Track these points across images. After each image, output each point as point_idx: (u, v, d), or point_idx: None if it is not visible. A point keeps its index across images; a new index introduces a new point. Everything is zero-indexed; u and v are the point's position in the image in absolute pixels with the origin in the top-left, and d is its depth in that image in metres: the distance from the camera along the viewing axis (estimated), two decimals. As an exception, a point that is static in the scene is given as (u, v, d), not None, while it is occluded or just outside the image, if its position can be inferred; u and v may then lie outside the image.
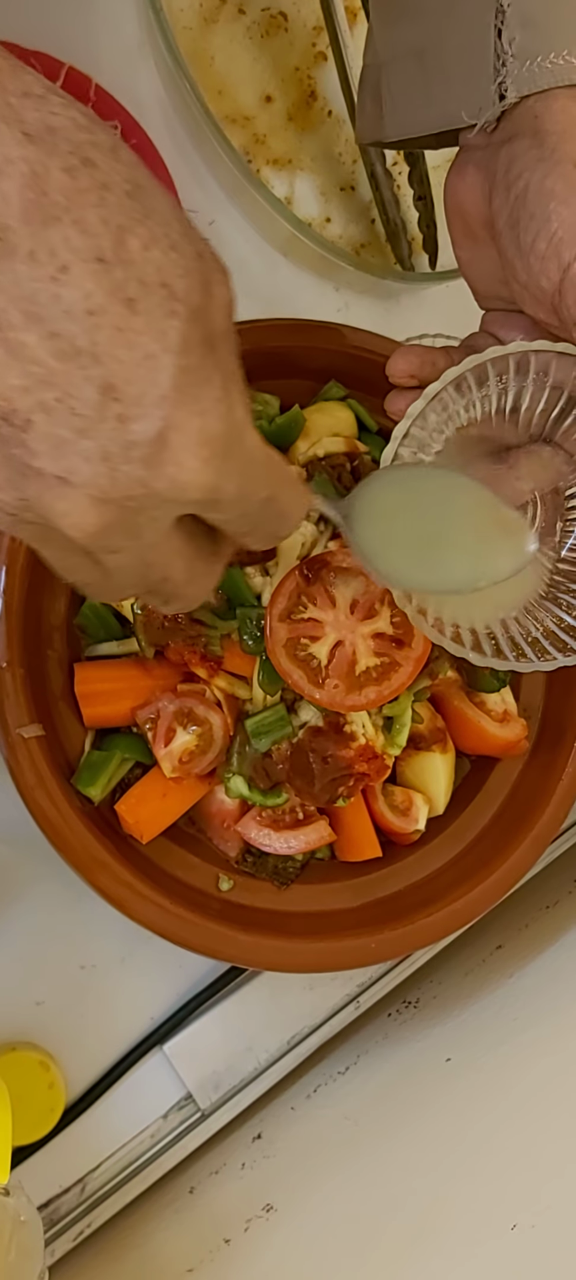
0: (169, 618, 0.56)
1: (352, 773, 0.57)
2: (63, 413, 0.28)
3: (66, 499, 0.29)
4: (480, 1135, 0.57)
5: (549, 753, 0.63)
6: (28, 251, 0.27)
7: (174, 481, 0.29)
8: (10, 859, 0.61)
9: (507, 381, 0.45)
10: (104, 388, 0.28)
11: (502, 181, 0.43)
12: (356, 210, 0.75)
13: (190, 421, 0.29)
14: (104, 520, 0.29)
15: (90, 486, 0.28)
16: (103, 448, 0.28)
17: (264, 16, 0.72)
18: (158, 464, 0.29)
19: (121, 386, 0.28)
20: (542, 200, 0.41)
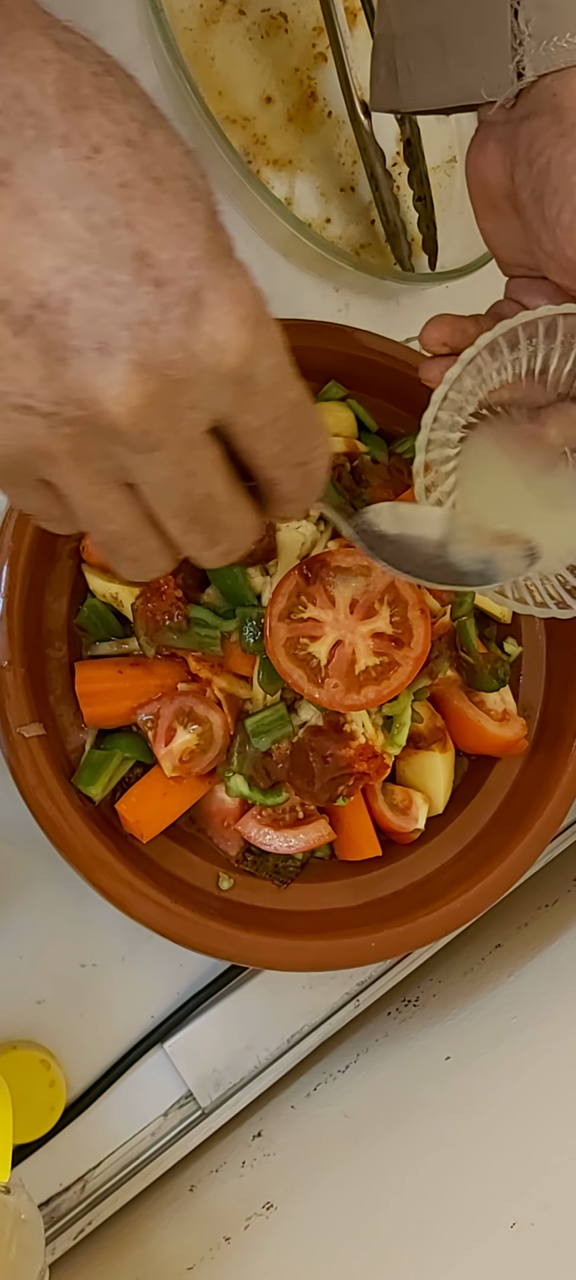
0: (169, 617, 0.56)
1: (352, 772, 0.57)
2: (100, 285, 0.28)
3: (108, 369, 0.28)
4: (479, 1133, 0.57)
5: (548, 752, 0.63)
6: (62, 134, 0.28)
7: (212, 342, 0.29)
8: (11, 858, 0.62)
9: (537, 345, 0.47)
10: (138, 254, 0.28)
11: (524, 157, 0.45)
12: (356, 211, 0.75)
13: (223, 281, 0.29)
14: (147, 391, 0.29)
15: (131, 351, 0.28)
16: (141, 312, 0.28)
17: (264, 17, 0.72)
18: (195, 323, 0.29)
19: (155, 252, 0.28)
20: (565, 174, 0.43)
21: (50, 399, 0.29)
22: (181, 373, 0.29)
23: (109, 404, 0.28)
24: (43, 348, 0.28)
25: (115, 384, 0.28)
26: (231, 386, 0.30)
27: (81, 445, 0.30)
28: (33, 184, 0.28)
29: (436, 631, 0.60)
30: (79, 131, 0.28)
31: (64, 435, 0.30)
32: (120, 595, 0.58)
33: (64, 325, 0.28)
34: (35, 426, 0.29)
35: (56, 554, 0.58)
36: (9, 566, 0.54)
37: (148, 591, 0.56)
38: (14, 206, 0.28)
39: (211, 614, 0.57)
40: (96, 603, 0.59)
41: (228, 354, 0.29)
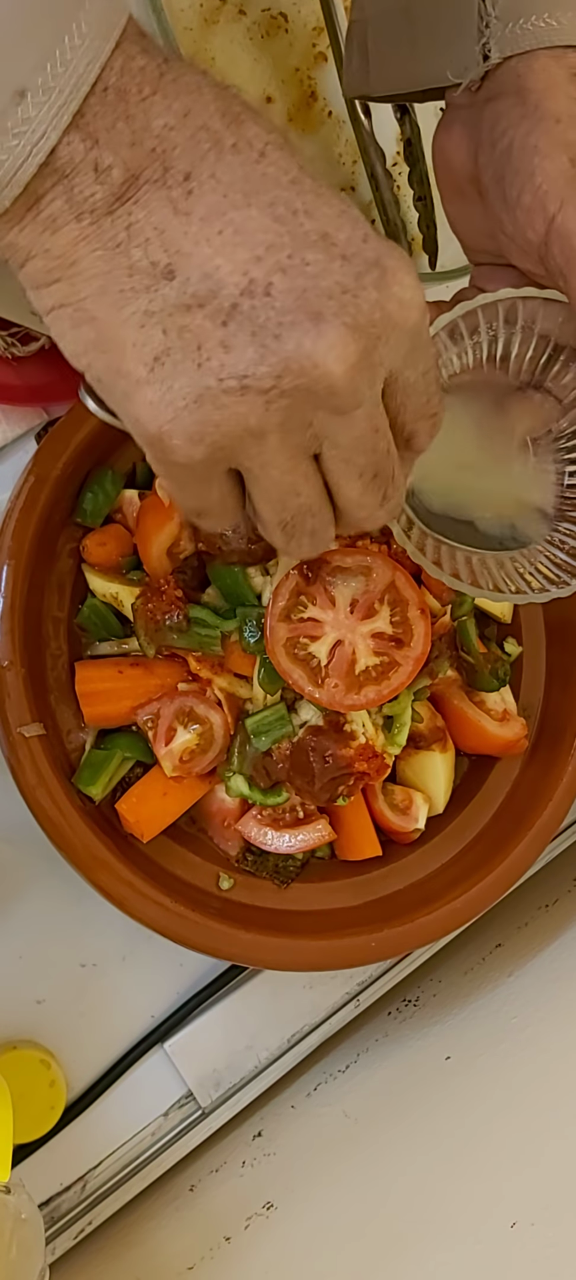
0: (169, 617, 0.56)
1: (352, 772, 0.57)
2: (296, 266, 0.31)
3: (325, 335, 0.30)
4: (479, 1133, 0.57)
5: (548, 752, 0.63)
6: (232, 144, 0.31)
7: (401, 301, 0.32)
8: (11, 858, 0.62)
9: (497, 329, 0.47)
10: (322, 236, 0.31)
11: (488, 139, 0.45)
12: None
13: (394, 250, 0.32)
14: (359, 349, 0.31)
15: (342, 315, 0.31)
16: (340, 283, 0.31)
17: (264, 17, 0.72)
18: (385, 285, 0.31)
19: (334, 233, 0.31)
20: (526, 156, 0.43)
21: (270, 373, 0.31)
22: (380, 330, 0.32)
23: (332, 364, 0.31)
24: (252, 331, 0.30)
25: (335, 345, 0.30)
26: (409, 341, 0.33)
27: (291, 416, 0.32)
28: (216, 188, 0.31)
29: (436, 631, 0.60)
30: (245, 140, 0.31)
31: (279, 407, 0.31)
32: (120, 595, 0.58)
33: (272, 305, 0.30)
34: (253, 405, 0.31)
35: (57, 554, 0.58)
36: (9, 566, 0.54)
37: (148, 591, 0.56)
38: (203, 210, 0.30)
39: (211, 614, 0.57)
40: (97, 602, 0.59)
41: (413, 309, 0.32)
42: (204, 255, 0.30)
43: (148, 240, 0.30)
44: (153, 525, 0.57)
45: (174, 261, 0.30)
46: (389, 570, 0.57)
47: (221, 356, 0.30)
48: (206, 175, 0.31)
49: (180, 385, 0.31)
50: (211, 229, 0.30)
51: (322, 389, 0.31)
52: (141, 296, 0.31)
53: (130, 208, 0.30)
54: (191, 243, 0.30)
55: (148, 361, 0.31)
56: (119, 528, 0.60)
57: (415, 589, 0.57)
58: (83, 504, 0.58)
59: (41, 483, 0.56)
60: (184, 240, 0.30)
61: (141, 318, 0.31)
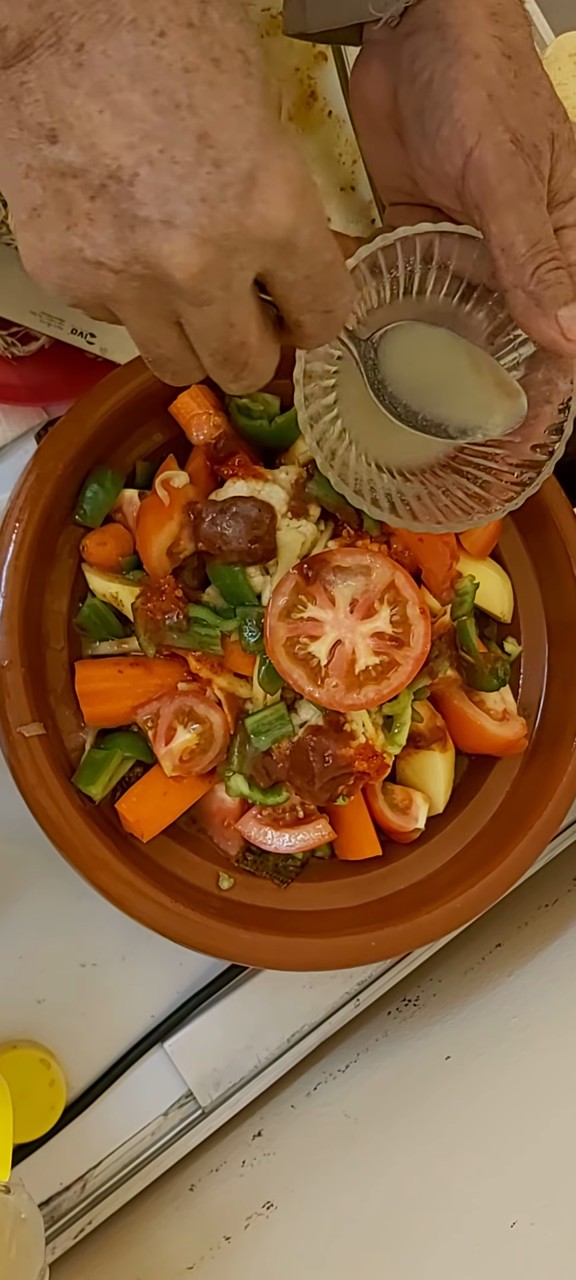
0: (169, 616, 0.56)
1: (352, 771, 0.57)
2: (165, 163, 0.31)
3: (172, 240, 0.32)
4: (479, 1132, 0.57)
5: (548, 751, 0.63)
6: (131, 20, 0.31)
7: (263, 218, 0.33)
8: (11, 857, 0.62)
9: (414, 265, 0.48)
10: (200, 136, 0.31)
11: (407, 73, 0.46)
12: (356, 210, 0.75)
13: (274, 163, 0.32)
14: (205, 259, 0.32)
15: (193, 226, 0.32)
16: (202, 190, 0.32)
17: (264, 17, 0.72)
18: (249, 201, 0.32)
19: (214, 134, 0.32)
20: (446, 89, 0.44)
21: (121, 258, 0.33)
22: (235, 244, 0.33)
23: (173, 269, 0.32)
24: (114, 213, 0.32)
25: (179, 252, 0.32)
26: (275, 251, 0.34)
27: (144, 294, 0.34)
28: (105, 65, 0.31)
29: (436, 631, 0.60)
30: (146, 15, 0.31)
31: (129, 288, 0.34)
32: (120, 595, 0.58)
33: (133, 196, 0.32)
34: (106, 279, 0.33)
35: (56, 553, 0.58)
36: (9, 566, 0.55)
37: (148, 591, 0.56)
38: (89, 85, 0.31)
39: (211, 613, 0.57)
40: (97, 602, 0.59)
41: (276, 228, 0.33)
42: (84, 130, 0.31)
43: (37, 102, 0.32)
44: (152, 525, 0.58)
45: (57, 128, 0.32)
46: (389, 570, 0.57)
47: (85, 227, 0.32)
48: (98, 50, 0.31)
49: (50, 239, 0.33)
50: (93, 105, 0.31)
51: (168, 284, 0.33)
52: (27, 150, 0.32)
53: (24, 67, 0.31)
54: (74, 114, 0.31)
55: (27, 209, 0.33)
56: (119, 527, 0.60)
57: (415, 589, 0.57)
58: (83, 504, 0.59)
59: (42, 482, 0.56)
60: (67, 111, 0.31)
61: (25, 169, 0.33)
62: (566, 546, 0.64)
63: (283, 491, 0.58)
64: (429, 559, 0.60)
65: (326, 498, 0.58)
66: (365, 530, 0.59)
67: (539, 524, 0.65)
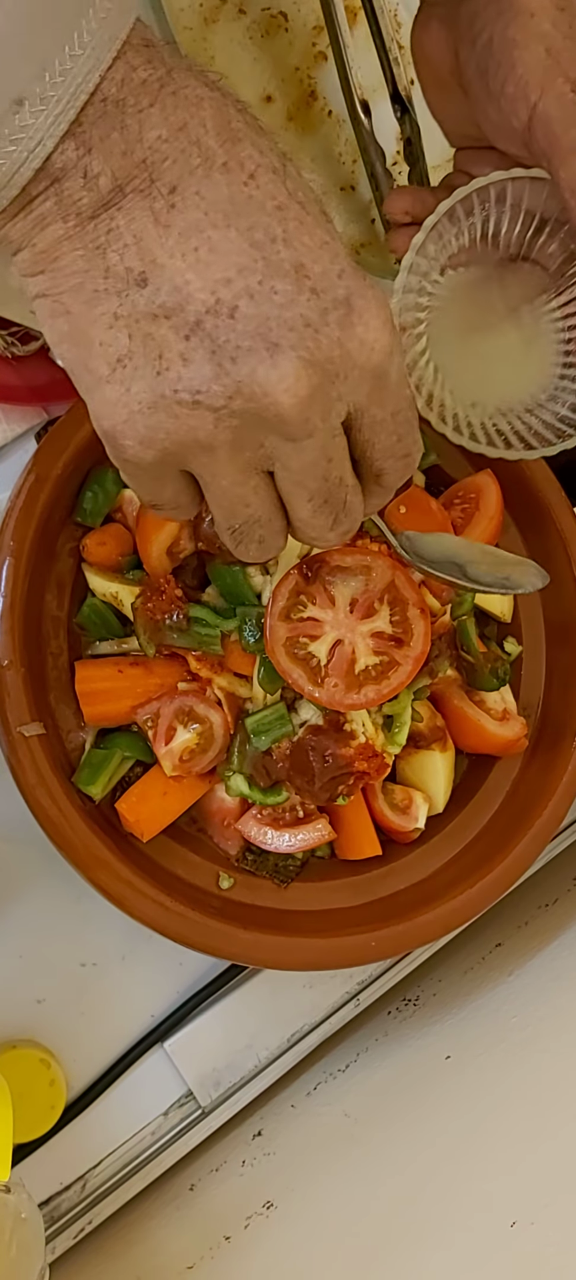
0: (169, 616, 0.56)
1: (352, 771, 0.57)
2: (264, 293, 0.31)
3: (279, 366, 0.31)
4: (480, 1132, 0.57)
5: (548, 751, 0.63)
6: (222, 164, 0.31)
7: (364, 341, 0.33)
8: (11, 857, 0.62)
9: (489, 209, 0.51)
10: (296, 266, 0.32)
11: (467, 35, 0.48)
12: (356, 210, 0.75)
13: (367, 290, 0.33)
14: (312, 384, 0.32)
15: (299, 349, 0.32)
16: (304, 316, 0.32)
17: (264, 16, 0.72)
18: (349, 325, 0.32)
19: (309, 265, 0.32)
20: (506, 49, 0.46)
21: (223, 394, 0.32)
22: (338, 368, 0.33)
23: (281, 395, 0.32)
24: (212, 349, 0.31)
25: (286, 377, 0.32)
26: (371, 382, 0.34)
27: (241, 436, 0.33)
28: (199, 205, 0.31)
29: (436, 631, 0.60)
30: (236, 160, 0.32)
31: (228, 427, 0.33)
32: (120, 594, 0.58)
33: (233, 328, 0.31)
34: (203, 420, 0.32)
35: (57, 553, 0.58)
36: (10, 565, 0.55)
37: (148, 591, 0.56)
38: (182, 225, 0.31)
39: (211, 613, 0.57)
40: (97, 602, 0.59)
41: (375, 352, 0.33)
42: (176, 269, 0.31)
43: (126, 246, 0.31)
44: (152, 525, 0.58)
45: (148, 270, 0.31)
46: (388, 570, 0.57)
47: (179, 369, 0.32)
48: (191, 191, 0.31)
49: (138, 389, 0.32)
50: (188, 244, 0.31)
51: (271, 416, 0.32)
52: (113, 299, 0.32)
53: (113, 213, 0.31)
54: (167, 255, 0.31)
55: (111, 362, 0.32)
56: (119, 527, 0.60)
57: (415, 588, 0.57)
58: (83, 503, 0.59)
59: (41, 482, 0.56)
60: (160, 251, 0.31)
61: (111, 319, 0.32)
62: (566, 546, 0.64)
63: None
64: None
65: None
66: (365, 530, 0.59)
67: (539, 524, 0.65)
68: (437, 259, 0.53)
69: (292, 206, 0.32)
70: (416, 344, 0.54)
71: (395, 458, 0.37)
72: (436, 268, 0.53)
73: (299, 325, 0.31)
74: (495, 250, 0.53)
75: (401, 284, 0.52)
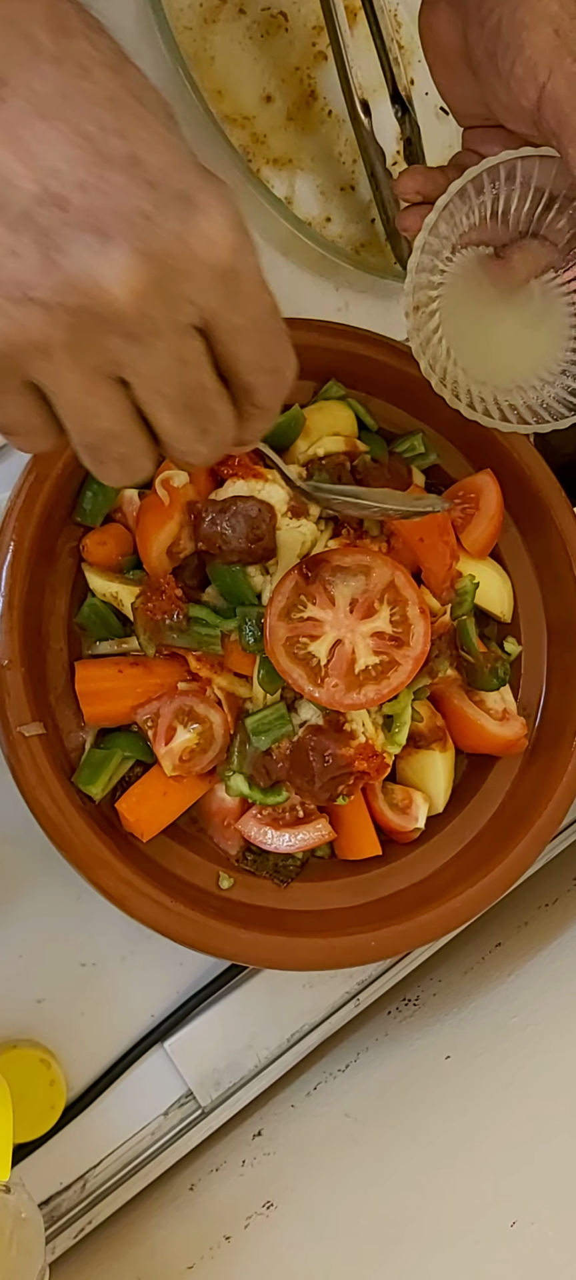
0: (169, 616, 0.56)
1: (352, 771, 0.57)
2: (96, 184, 0.30)
3: (110, 255, 0.30)
4: (479, 1132, 0.57)
5: (548, 751, 0.63)
6: (54, 56, 0.30)
7: (207, 237, 0.31)
8: (11, 857, 0.62)
9: (499, 188, 0.53)
10: (131, 158, 0.30)
11: (476, 17, 0.49)
12: (356, 210, 0.75)
13: (211, 185, 0.31)
14: (148, 276, 0.30)
15: (133, 239, 0.30)
16: (139, 207, 0.30)
17: (264, 16, 0.72)
18: (190, 219, 0.31)
19: (146, 158, 0.30)
20: (515, 31, 0.47)
21: (51, 286, 0.30)
22: (179, 263, 0.31)
23: (112, 286, 0.30)
24: (41, 242, 0.30)
25: (118, 267, 0.30)
26: (221, 283, 0.32)
27: (78, 336, 0.31)
28: (29, 97, 0.30)
29: (436, 630, 0.60)
30: (70, 55, 0.30)
31: (63, 325, 0.31)
32: (120, 594, 0.58)
33: (64, 220, 0.30)
34: (33, 317, 0.30)
35: (56, 553, 0.58)
36: (10, 565, 0.54)
37: (148, 591, 0.56)
38: (9, 116, 0.30)
39: (211, 613, 0.57)
40: (97, 602, 0.59)
41: (221, 249, 0.31)
42: (2, 159, 0.30)
43: None
44: (152, 524, 0.58)
45: None
46: (388, 570, 0.57)
47: (8, 262, 0.30)
48: (20, 83, 0.30)
49: None
50: (14, 135, 0.30)
51: (108, 312, 0.30)
52: None
53: None
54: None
55: None
56: (119, 527, 0.60)
57: (415, 588, 0.57)
58: (82, 503, 0.59)
59: (41, 482, 0.56)
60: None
61: None
62: (566, 546, 0.64)
63: (282, 491, 0.58)
64: (429, 558, 0.60)
65: None
66: (365, 530, 0.60)
67: (539, 524, 0.65)
68: (449, 238, 0.53)
69: (129, 101, 0.31)
70: (429, 321, 0.55)
71: (263, 371, 0.35)
72: (448, 246, 0.54)
73: (133, 216, 0.30)
74: (504, 228, 0.54)
75: (415, 264, 0.52)
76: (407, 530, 0.60)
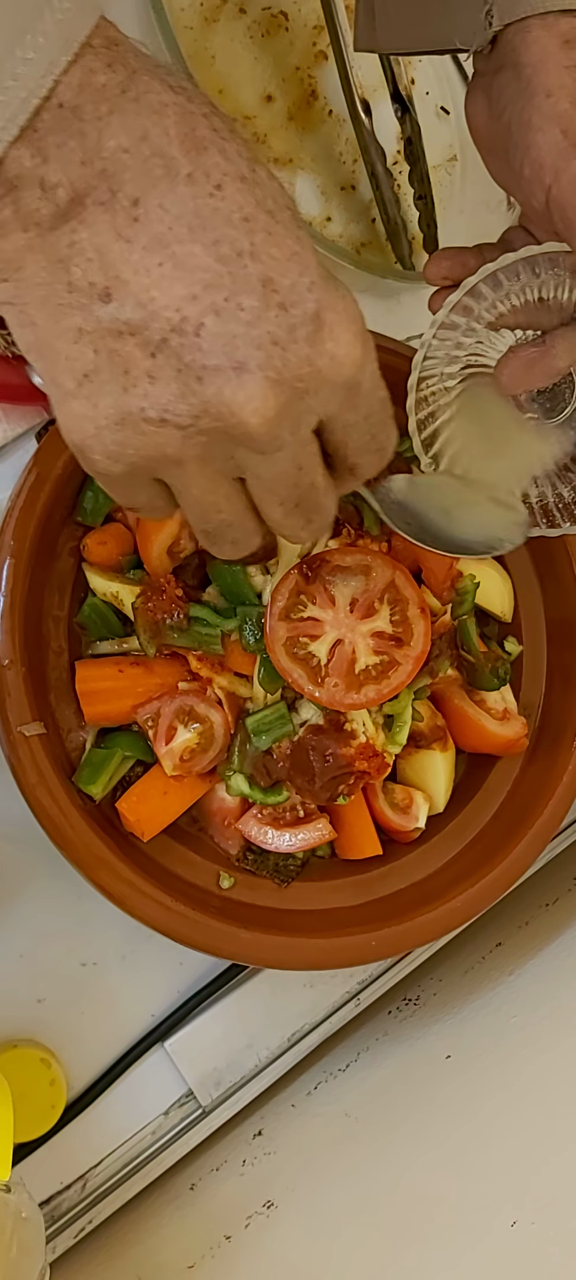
0: (170, 616, 0.56)
1: (353, 771, 0.57)
2: (231, 310, 0.31)
3: (246, 386, 0.31)
4: (480, 1132, 0.57)
5: (548, 751, 0.63)
6: (187, 174, 0.30)
7: (334, 357, 0.32)
8: (11, 856, 0.62)
9: (543, 274, 0.50)
10: (264, 281, 0.31)
11: (495, 111, 0.48)
12: (357, 209, 0.75)
13: (338, 302, 0.32)
14: (280, 403, 0.32)
15: (266, 369, 0.31)
16: (271, 334, 0.31)
17: (265, 16, 0.72)
18: (319, 340, 0.32)
19: (278, 279, 0.31)
20: (523, 132, 0.46)
21: (189, 413, 0.31)
22: (307, 385, 0.32)
23: (247, 416, 0.31)
24: (178, 367, 0.31)
25: (253, 398, 0.31)
26: (343, 393, 0.34)
27: (209, 450, 0.33)
28: (163, 219, 0.30)
29: (437, 630, 0.60)
30: (201, 170, 0.31)
31: (196, 444, 0.32)
32: (121, 594, 0.58)
33: (199, 347, 0.31)
34: (170, 437, 0.32)
35: (57, 552, 0.58)
36: (10, 565, 0.54)
37: (148, 590, 0.56)
38: (145, 239, 0.30)
39: (212, 613, 0.57)
40: (97, 601, 0.59)
41: (346, 366, 0.33)
42: (141, 285, 0.30)
43: (89, 260, 0.31)
44: (153, 524, 0.58)
45: (112, 286, 0.31)
46: (389, 569, 0.57)
47: (146, 386, 0.31)
48: (155, 204, 0.30)
49: (105, 405, 0.32)
50: (152, 260, 0.30)
51: (240, 434, 0.32)
52: (77, 313, 0.31)
53: (75, 225, 0.30)
54: (131, 270, 0.30)
55: (77, 376, 0.32)
56: (119, 526, 0.60)
57: (415, 588, 0.57)
58: (83, 502, 0.59)
59: (42, 481, 0.56)
60: (123, 267, 0.30)
61: (75, 334, 0.31)
62: (566, 546, 0.64)
63: (283, 491, 0.58)
64: (429, 558, 0.60)
65: None
66: (365, 529, 0.59)
67: (539, 523, 0.65)
68: (480, 319, 0.51)
69: (261, 217, 0.31)
70: (444, 397, 0.54)
71: (368, 453, 0.37)
72: (480, 327, 0.52)
73: (266, 343, 0.31)
74: (546, 313, 0.51)
75: (428, 338, 0.51)
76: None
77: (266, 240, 0.31)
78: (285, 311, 0.31)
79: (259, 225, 0.31)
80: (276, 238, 0.31)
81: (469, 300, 0.50)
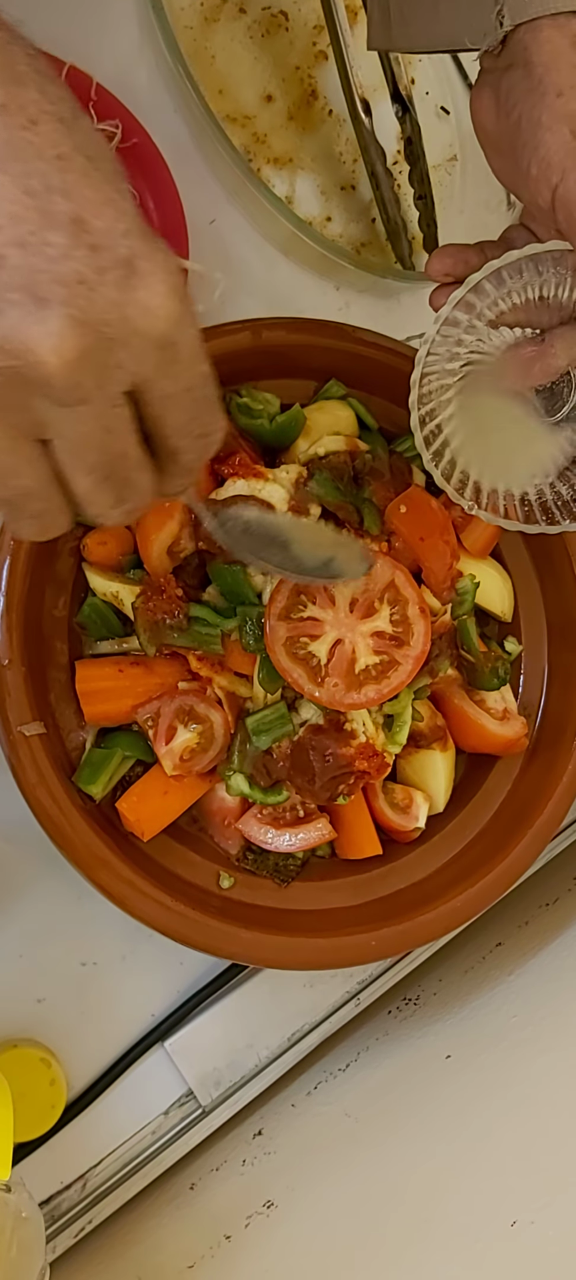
0: (170, 616, 0.56)
1: (353, 770, 0.57)
2: (36, 244, 0.29)
3: (45, 320, 0.29)
4: (480, 1132, 0.57)
5: (548, 751, 0.63)
6: (1, 105, 0.29)
7: (145, 306, 0.30)
8: (11, 856, 0.62)
9: (546, 273, 0.50)
10: (74, 219, 0.29)
11: (503, 109, 0.48)
12: (357, 209, 0.75)
13: (154, 253, 0.31)
14: (82, 345, 0.30)
15: (70, 305, 0.29)
16: (78, 272, 0.29)
17: (265, 16, 0.72)
18: (130, 288, 0.30)
19: (90, 220, 0.30)
20: (532, 130, 0.45)
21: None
22: (115, 332, 0.30)
23: (44, 353, 0.29)
24: None
25: (52, 335, 0.29)
26: (157, 352, 0.32)
27: (6, 395, 0.31)
28: None
29: (436, 630, 0.60)
30: (16, 103, 0.30)
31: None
32: (121, 594, 0.58)
33: (1, 279, 0.29)
34: None
35: (57, 552, 0.58)
36: (10, 565, 0.54)
37: (148, 590, 0.56)
38: None
39: (212, 613, 0.57)
40: (97, 601, 0.59)
41: (159, 319, 0.31)
42: None
43: None
44: (153, 524, 0.58)
45: None
46: (389, 569, 0.57)
47: None
48: None
49: None
50: None
51: (36, 376, 0.30)
52: None
53: None
54: None
55: None
56: (119, 526, 0.60)
57: (415, 588, 0.57)
58: (83, 503, 0.58)
59: (42, 481, 0.56)
60: None
61: None
62: (566, 546, 0.64)
63: (283, 490, 0.58)
64: (429, 557, 0.60)
65: (326, 497, 0.58)
66: (365, 530, 0.59)
67: (539, 523, 0.65)
68: (482, 316, 0.52)
69: (77, 159, 0.30)
70: (445, 394, 0.54)
71: (191, 436, 0.35)
72: (481, 324, 0.52)
73: (71, 281, 0.29)
74: (545, 311, 0.52)
75: (432, 333, 0.51)
76: (408, 529, 0.60)
77: (80, 181, 0.30)
78: (95, 252, 0.30)
79: (74, 166, 0.30)
80: (92, 181, 0.30)
81: (472, 297, 0.50)
